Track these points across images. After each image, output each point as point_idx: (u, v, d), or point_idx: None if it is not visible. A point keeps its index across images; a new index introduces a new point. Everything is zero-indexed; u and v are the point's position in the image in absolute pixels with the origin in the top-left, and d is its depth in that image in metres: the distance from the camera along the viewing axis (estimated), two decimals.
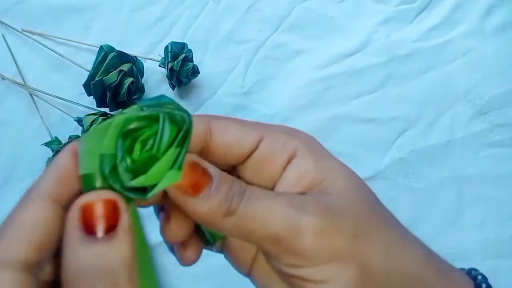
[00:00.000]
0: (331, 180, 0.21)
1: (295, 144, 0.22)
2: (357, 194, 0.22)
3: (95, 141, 0.19)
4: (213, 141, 0.21)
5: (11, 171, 0.52)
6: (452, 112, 0.54)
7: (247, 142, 0.22)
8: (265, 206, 0.20)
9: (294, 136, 0.22)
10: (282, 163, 0.22)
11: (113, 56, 0.47)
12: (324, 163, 0.22)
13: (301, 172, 0.21)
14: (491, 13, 0.56)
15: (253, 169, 0.22)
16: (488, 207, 0.51)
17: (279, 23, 0.56)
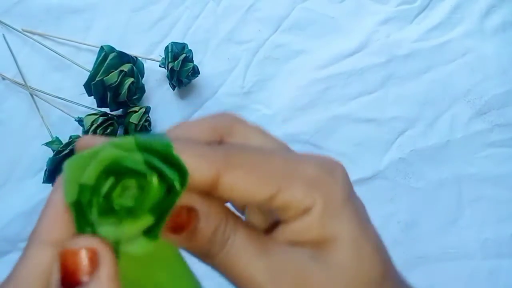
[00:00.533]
0: (333, 248, 0.20)
1: (312, 201, 0.19)
2: (353, 274, 0.20)
3: (78, 169, 0.18)
4: (219, 191, 0.19)
5: (11, 171, 0.52)
6: (452, 112, 0.54)
7: (258, 198, 0.19)
8: (240, 267, 0.19)
9: (315, 189, 0.20)
10: (294, 217, 0.20)
11: (113, 56, 0.47)
12: (334, 226, 0.20)
13: (306, 227, 0.20)
14: (491, 13, 0.56)
15: (259, 211, 0.22)
16: (487, 207, 0.51)
17: (279, 23, 0.56)
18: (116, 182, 0.18)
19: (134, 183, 0.18)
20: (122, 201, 0.18)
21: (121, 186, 0.18)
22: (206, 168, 0.18)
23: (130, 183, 0.18)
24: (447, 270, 0.50)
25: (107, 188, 0.18)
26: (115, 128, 0.50)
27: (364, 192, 0.54)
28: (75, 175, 0.18)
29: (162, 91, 0.54)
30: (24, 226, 0.50)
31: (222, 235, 0.19)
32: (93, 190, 0.18)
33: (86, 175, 0.18)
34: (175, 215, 0.18)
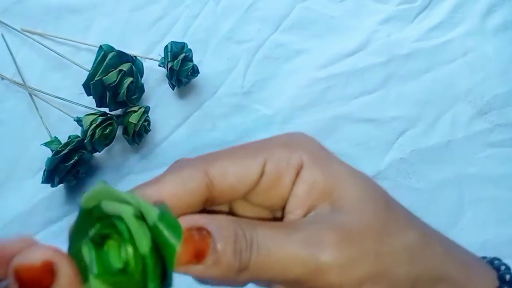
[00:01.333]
0: (341, 189, 0.21)
1: (299, 157, 0.21)
2: (370, 203, 0.21)
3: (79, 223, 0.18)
4: (216, 189, 0.20)
5: (10, 171, 0.52)
6: (452, 112, 0.54)
7: (251, 175, 0.20)
8: (278, 252, 0.18)
9: (295, 148, 0.21)
10: (291, 180, 0.21)
11: (112, 56, 0.47)
12: (331, 170, 0.21)
13: (310, 184, 0.20)
14: (491, 12, 0.56)
15: (263, 194, 0.21)
16: (488, 207, 0.51)
17: (279, 23, 0.56)
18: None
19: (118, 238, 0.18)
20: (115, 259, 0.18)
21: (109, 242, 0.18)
22: (195, 173, 0.19)
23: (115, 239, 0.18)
24: None
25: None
26: (114, 128, 0.49)
27: None
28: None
29: (162, 91, 0.54)
30: (23, 227, 0.50)
31: (245, 240, 0.18)
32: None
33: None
34: (189, 242, 0.17)
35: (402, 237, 0.21)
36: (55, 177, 0.47)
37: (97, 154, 0.51)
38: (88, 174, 0.51)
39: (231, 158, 0.20)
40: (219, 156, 0.20)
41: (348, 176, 0.21)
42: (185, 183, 0.19)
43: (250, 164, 0.20)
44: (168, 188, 0.19)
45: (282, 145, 0.21)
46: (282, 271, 0.18)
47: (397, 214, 0.22)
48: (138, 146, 0.52)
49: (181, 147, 0.53)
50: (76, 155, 0.47)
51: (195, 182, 0.19)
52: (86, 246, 0.18)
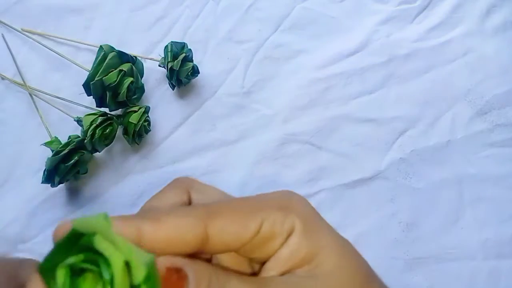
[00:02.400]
0: (322, 257, 0.21)
1: (292, 221, 0.22)
2: (350, 273, 0.21)
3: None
4: (210, 244, 0.20)
5: (10, 171, 0.52)
6: (452, 112, 0.54)
7: (247, 234, 0.21)
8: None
9: (290, 210, 0.22)
10: (281, 243, 0.22)
11: (112, 56, 0.47)
12: (318, 239, 0.22)
13: (294, 249, 0.21)
14: (491, 13, 0.56)
15: (251, 250, 0.22)
16: (488, 207, 0.51)
17: (279, 23, 0.56)
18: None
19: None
20: None
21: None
22: (195, 224, 0.20)
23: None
24: (448, 270, 0.50)
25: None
26: (115, 128, 0.49)
27: (364, 192, 0.54)
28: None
29: (162, 91, 0.54)
30: (23, 227, 0.50)
31: (217, 283, 0.19)
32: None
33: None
34: (165, 280, 0.18)
35: None
36: (55, 177, 0.47)
37: (97, 154, 0.51)
38: (88, 174, 0.51)
39: (232, 215, 0.21)
40: (221, 210, 0.21)
41: (332, 245, 0.22)
42: (183, 233, 0.19)
43: (249, 224, 0.21)
44: (166, 232, 0.19)
45: (278, 207, 0.22)
46: None
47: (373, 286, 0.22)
48: (138, 146, 0.53)
49: (181, 147, 0.53)
50: (76, 155, 0.47)
51: (193, 234, 0.19)
52: (63, 270, 0.18)
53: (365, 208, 0.50)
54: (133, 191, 0.52)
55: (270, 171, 0.52)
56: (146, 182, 0.52)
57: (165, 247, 0.19)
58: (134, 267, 0.17)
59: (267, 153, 0.52)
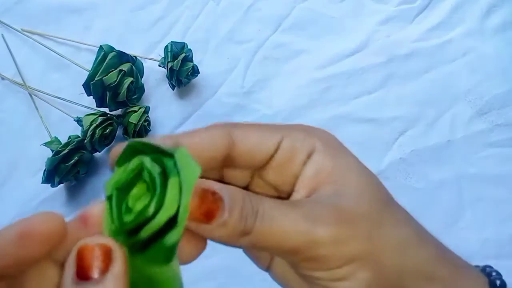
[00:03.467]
0: (346, 177, 0.22)
1: (313, 141, 0.23)
2: (371, 194, 0.22)
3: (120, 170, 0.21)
4: (236, 150, 0.22)
5: (10, 171, 0.52)
6: (452, 112, 0.54)
7: (268, 146, 0.22)
8: (280, 223, 0.20)
9: (312, 133, 0.23)
10: (303, 160, 0.22)
11: (112, 56, 0.47)
12: (340, 159, 0.23)
13: (319, 167, 0.22)
14: (491, 13, 0.56)
15: (276, 170, 0.23)
16: (488, 207, 0.51)
17: (279, 23, 0.56)
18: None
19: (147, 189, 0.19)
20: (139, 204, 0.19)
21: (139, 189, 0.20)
22: (222, 131, 0.22)
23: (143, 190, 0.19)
24: None
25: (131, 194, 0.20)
26: (115, 128, 0.49)
27: None
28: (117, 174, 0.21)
29: (162, 91, 0.54)
30: None
31: (251, 207, 0.20)
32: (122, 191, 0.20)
33: (118, 178, 0.20)
34: (202, 200, 0.19)
35: (397, 231, 0.22)
36: (55, 177, 0.47)
37: (97, 154, 0.51)
38: (88, 174, 0.51)
39: (254, 128, 0.23)
40: (244, 124, 0.23)
41: (354, 167, 0.23)
42: (212, 138, 0.21)
43: (269, 136, 0.22)
44: (197, 140, 0.22)
45: (300, 129, 0.23)
46: (280, 240, 0.20)
47: (395, 210, 0.23)
48: None
49: None
50: (76, 155, 0.47)
51: (220, 138, 0.21)
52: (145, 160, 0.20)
53: None
54: None
55: None
56: None
57: (199, 154, 0.20)
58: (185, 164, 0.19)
59: None
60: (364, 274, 0.21)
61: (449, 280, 0.23)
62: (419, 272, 0.22)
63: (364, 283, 0.21)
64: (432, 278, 0.22)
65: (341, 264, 0.20)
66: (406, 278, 0.22)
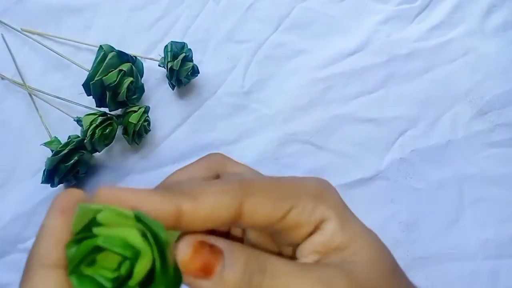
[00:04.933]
0: (355, 247, 0.22)
1: (322, 212, 0.22)
2: (380, 262, 0.22)
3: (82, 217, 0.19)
4: (242, 220, 0.20)
5: (10, 171, 0.52)
6: (452, 112, 0.54)
7: (276, 217, 0.21)
8: (294, 284, 0.19)
9: (321, 201, 0.22)
10: (307, 232, 0.22)
11: (112, 56, 0.47)
12: (349, 229, 0.22)
13: (329, 237, 0.22)
14: (491, 12, 0.56)
15: (278, 232, 0.22)
16: (488, 207, 0.51)
17: (279, 23, 0.56)
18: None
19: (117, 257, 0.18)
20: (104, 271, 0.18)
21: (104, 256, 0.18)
22: (231, 203, 0.20)
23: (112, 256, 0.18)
24: (448, 270, 0.50)
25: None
26: (114, 128, 0.49)
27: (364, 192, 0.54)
28: (78, 221, 0.19)
29: (162, 91, 0.54)
30: (23, 227, 0.50)
31: (257, 264, 0.19)
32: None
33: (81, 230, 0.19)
34: (198, 253, 0.18)
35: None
36: (55, 177, 0.47)
37: (97, 154, 0.51)
38: (88, 174, 0.51)
39: (265, 196, 0.21)
40: (254, 189, 0.21)
41: (363, 236, 0.23)
42: (220, 211, 0.19)
43: (280, 207, 0.21)
44: (205, 211, 0.19)
45: (311, 195, 0.22)
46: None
47: (401, 279, 0.23)
48: (138, 146, 0.52)
49: (181, 147, 0.53)
50: (76, 155, 0.47)
51: (229, 212, 0.20)
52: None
53: (365, 208, 0.50)
54: None
55: (270, 171, 0.52)
56: (146, 182, 0.52)
57: (202, 224, 0.19)
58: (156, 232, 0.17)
59: (267, 153, 0.52)
60: None
61: None
62: None
63: None
64: None
65: None
66: None
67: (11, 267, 0.49)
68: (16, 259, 0.50)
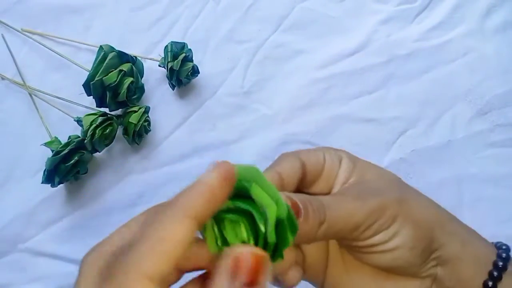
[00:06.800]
0: (365, 171, 0.30)
1: (339, 153, 0.31)
2: (386, 177, 0.31)
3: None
4: (306, 169, 0.30)
5: (10, 171, 0.52)
6: (452, 112, 0.54)
7: (320, 160, 0.30)
8: (342, 206, 0.27)
9: (337, 150, 0.31)
10: (338, 165, 0.31)
11: (112, 56, 0.47)
12: (359, 161, 0.31)
13: (346, 169, 0.30)
14: (491, 12, 0.56)
15: (325, 179, 0.30)
16: (488, 207, 0.51)
17: (279, 23, 0.56)
18: None
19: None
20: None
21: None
22: (297, 160, 0.30)
23: None
24: None
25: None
26: (115, 128, 0.49)
27: None
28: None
29: (162, 91, 0.54)
30: (23, 227, 0.50)
31: (317, 201, 0.26)
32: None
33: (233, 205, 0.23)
34: (292, 205, 0.25)
35: (417, 196, 0.30)
36: (55, 177, 0.47)
37: (97, 154, 0.51)
38: (88, 174, 0.51)
39: (306, 152, 0.30)
40: (300, 151, 0.30)
41: (369, 164, 0.31)
42: (294, 166, 0.29)
43: (318, 154, 0.31)
44: (286, 170, 0.28)
45: (329, 148, 0.32)
46: (347, 219, 0.26)
47: (408, 185, 0.31)
48: (138, 146, 0.53)
49: (181, 147, 0.53)
50: (76, 155, 0.47)
51: (299, 164, 0.29)
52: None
53: None
54: (133, 191, 0.51)
55: None
56: (146, 182, 0.52)
57: (289, 178, 0.29)
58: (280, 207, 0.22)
59: (267, 153, 0.52)
60: (406, 229, 0.27)
61: (468, 237, 0.30)
62: (443, 227, 0.29)
63: (408, 236, 0.27)
64: (454, 233, 0.30)
65: (389, 223, 0.27)
66: (435, 230, 0.28)
67: (11, 267, 0.49)
68: (16, 259, 0.50)
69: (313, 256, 0.30)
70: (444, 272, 0.29)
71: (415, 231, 0.27)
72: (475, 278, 0.28)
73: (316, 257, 0.30)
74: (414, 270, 0.28)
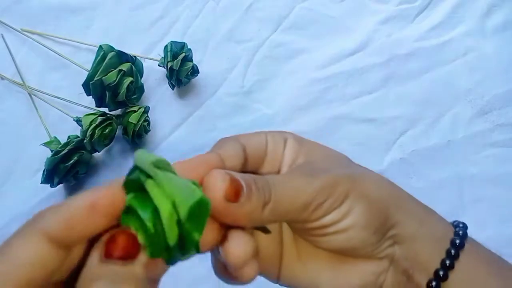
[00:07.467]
0: (314, 152, 0.29)
1: (284, 134, 0.30)
2: (335, 157, 0.30)
3: None
4: (247, 152, 0.28)
5: (9, 171, 0.52)
6: (453, 112, 0.54)
7: (262, 143, 0.29)
8: (289, 185, 0.25)
9: (282, 132, 0.30)
10: (283, 147, 0.29)
11: (112, 55, 0.47)
12: (304, 142, 0.30)
13: (292, 149, 0.29)
14: (491, 12, 0.56)
15: (270, 162, 0.29)
16: (488, 207, 0.51)
17: (279, 23, 0.56)
18: None
19: None
20: None
21: None
22: (237, 143, 0.27)
23: None
24: None
25: None
26: (114, 128, 0.49)
27: None
28: None
29: (161, 91, 0.54)
30: None
31: (261, 180, 0.24)
32: None
33: None
34: (231, 183, 0.23)
35: (368, 173, 0.29)
36: (55, 177, 0.47)
37: (96, 154, 0.51)
38: (88, 174, 0.51)
39: (247, 135, 0.29)
40: (239, 135, 0.29)
41: (316, 145, 0.30)
42: (235, 148, 0.27)
43: (260, 136, 0.29)
44: (228, 153, 0.26)
45: (273, 131, 0.30)
46: (294, 198, 0.25)
47: (357, 164, 0.30)
48: (138, 146, 0.52)
49: (181, 147, 0.53)
50: (76, 155, 0.47)
51: (240, 147, 0.27)
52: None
53: None
54: None
55: None
56: None
57: (231, 163, 0.26)
58: (180, 206, 0.21)
59: None
60: (359, 206, 0.26)
61: (425, 216, 0.29)
62: (399, 205, 0.28)
63: (361, 214, 0.26)
64: (411, 212, 0.29)
65: (341, 200, 0.25)
66: (390, 208, 0.27)
67: None
68: None
69: (266, 248, 0.28)
70: (401, 251, 0.27)
71: (368, 208, 0.26)
72: (433, 257, 0.28)
73: (270, 249, 0.28)
74: (370, 250, 0.27)
